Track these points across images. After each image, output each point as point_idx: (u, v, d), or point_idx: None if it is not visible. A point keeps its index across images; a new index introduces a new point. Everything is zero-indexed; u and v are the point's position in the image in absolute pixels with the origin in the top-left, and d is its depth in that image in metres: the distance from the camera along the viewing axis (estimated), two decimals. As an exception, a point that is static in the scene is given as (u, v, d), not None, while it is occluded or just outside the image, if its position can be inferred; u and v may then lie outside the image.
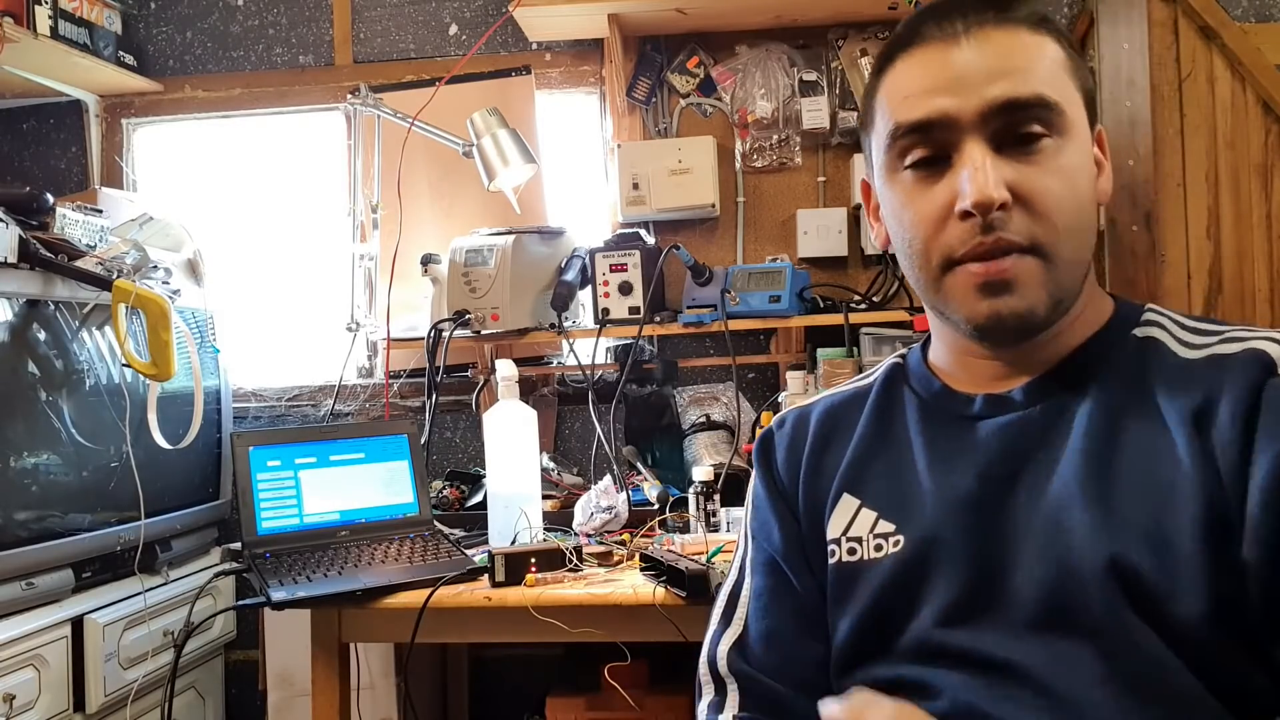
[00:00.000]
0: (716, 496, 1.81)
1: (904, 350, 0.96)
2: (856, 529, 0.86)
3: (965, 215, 0.76)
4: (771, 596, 0.91)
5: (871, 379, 0.96)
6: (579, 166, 2.53)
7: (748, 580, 0.93)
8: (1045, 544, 0.76)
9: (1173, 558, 0.70)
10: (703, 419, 2.20)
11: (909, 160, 0.80)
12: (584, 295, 2.22)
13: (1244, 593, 0.69)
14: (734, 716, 0.87)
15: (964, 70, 0.77)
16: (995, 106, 0.76)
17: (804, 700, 0.85)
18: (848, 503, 0.87)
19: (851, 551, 0.85)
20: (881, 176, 0.85)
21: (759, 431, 1.83)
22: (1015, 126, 0.77)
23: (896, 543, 0.83)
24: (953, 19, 0.79)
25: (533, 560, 1.60)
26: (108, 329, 1.93)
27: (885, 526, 0.84)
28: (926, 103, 0.78)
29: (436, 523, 1.90)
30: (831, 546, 0.87)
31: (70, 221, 1.91)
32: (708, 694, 0.90)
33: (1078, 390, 0.80)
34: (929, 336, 0.93)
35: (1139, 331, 0.83)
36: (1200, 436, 0.73)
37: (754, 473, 0.98)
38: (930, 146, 0.79)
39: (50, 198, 1.87)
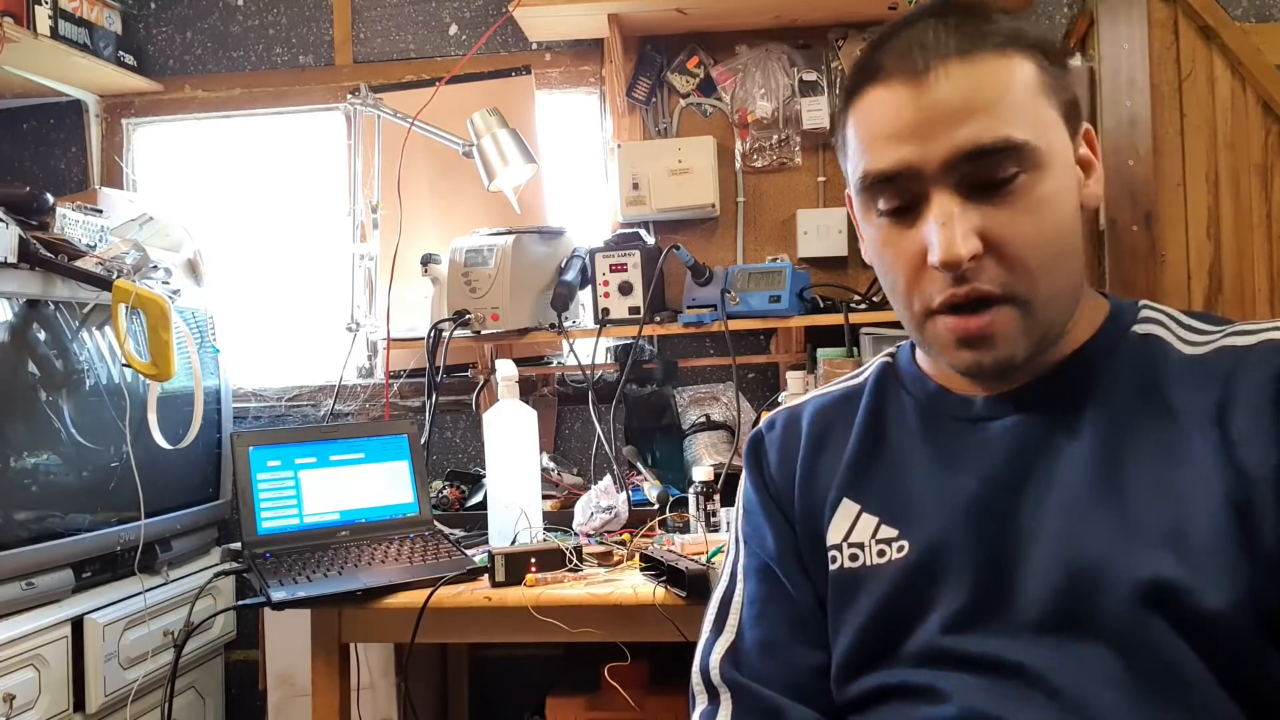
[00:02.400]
0: (716, 496, 1.81)
1: (893, 349, 0.94)
2: (858, 535, 0.85)
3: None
4: (765, 603, 0.89)
5: (862, 379, 0.94)
6: (579, 166, 2.53)
7: (739, 586, 0.91)
8: (1057, 547, 0.75)
9: (1194, 554, 0.70)
10: (703, 419, 2.20)
11: (881, 206, 0.79)
12: (584, 295, 2.22)
13: (1269, 581, 0.69)
14: None
15: (926, 115, 0.74)
16: (958, 156, 0.74)
17: (801, 708, 0.84)
18: (848, 508, 0.86)
19: (854, 558, 0.84)
20: (858, 212, 0.83)
21: (757, 432, 1.84)
22: (982, 171, 0.74)
23: (901, 548, 0.82)
24: (912, 51, 0.76)
25: (533, 560, 1.60)
26: (108, 329, 1.93)
27: (887, 532, 0.83)
28: (891, 151, 0.76)
29: (436, 523, 1.90)
30: (833, 553, 0.86)
31: (70, 221, 1.91)
32: (700, 703, 0.88)
33: (1079, 391, 0.80)
34: None
35: (1139, 329, 0.82)
36: (1220, 429, 0.73)
37: (744, 476, 0.96)
38: (898, 195, 0.77)
39: (50, 198, 1.87)
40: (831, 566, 0.86)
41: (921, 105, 0.75)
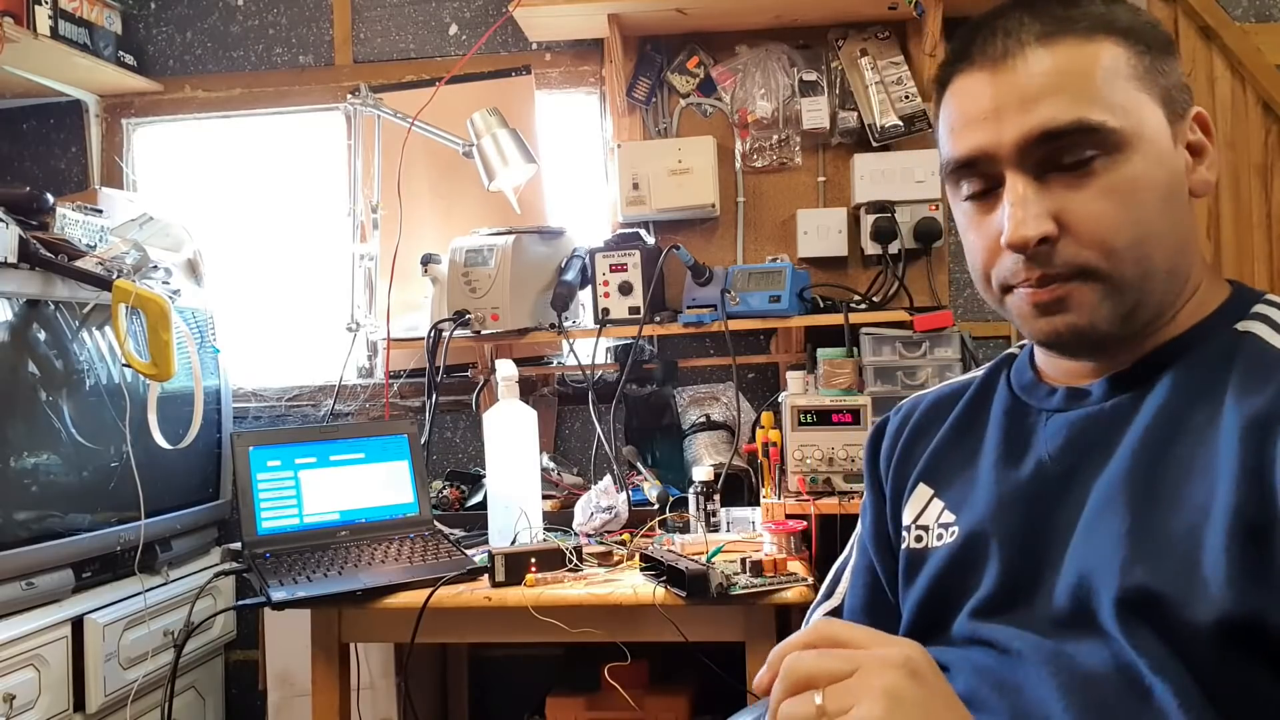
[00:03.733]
0: (716, 496, 1.81)
1: (1024, 342, 0.94)
2: (925, 518, 0.89)
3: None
4: (860, 574, 0.97)
5: (980, 371, 0.96)
6: (579, 166, 2.53)
7: (853, 557, 1.00)
8: (1077, 545, 0.75)
9: (1194, 566, 0.68)
10: (703, 419, 2.20)
11: (963, 191, 0.81)
12: (584, 295, 2.22)
13: (1274, 603, 0.66)
14: None
15: (1000, 101, 0.75)
16: (1031, 139, 0.74)
17: None
18: (922, 492, 0.91)
19: (919, 539, 0.88)
20: (949, 194, 0.85)
21: (759, 432, 1.84)
22: (1058, 154, 0.74)
23: (953, 533, 0.85)
24: (995, 38, 0.77)
25: (533, 560, 1.60)
26: (108, 329, 1.93)
27: (948, 517, 0.87)
28: (967, 138, 0.78)
29: (436, 523, 1.90)
30: (904, 533, 0.91)
31: (70, 221, 1.91)
32: None
33: (1153, 387, 0.78)
34: None
35: (1243, 325, 0.78)
36: (1259, 443, 0.69)
37: (865, 456, 1.02)
38: (979, 178, 0.79)
39: (50, 198, 1.87)
40: (902, 545, 0.91)
41: (998, 91, 0.76)
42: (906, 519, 0.91)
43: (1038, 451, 0.82)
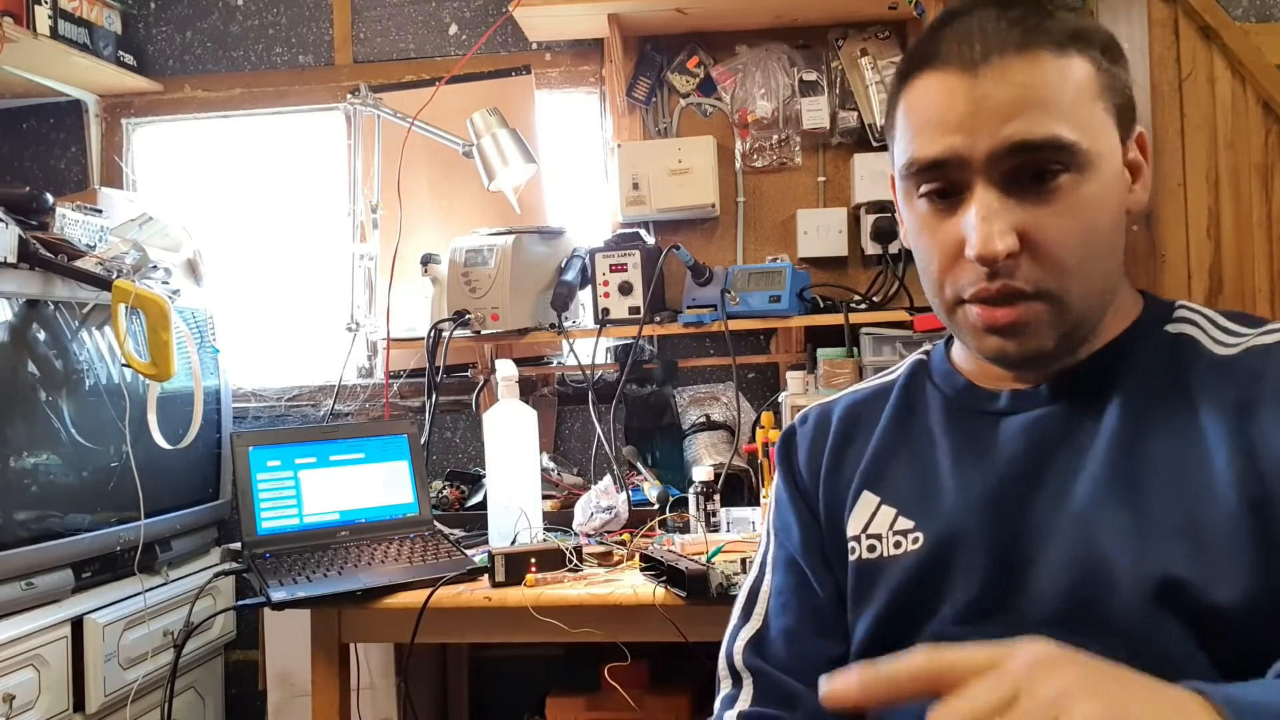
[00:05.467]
0: (716, 496, 1.81)
1: (928, 347, 0.95)
2: (876, 526, 0.86)
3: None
4: (790, 594, 0.92)
5: (895, 375, 0.95)
6: (579, 166, 2.53)
7: (768, 577, 0.94)
8: (1071, 543, 0.75)
9: (1206, 549, 0.70)
10: (703, 419, 2.20)
11: (923, 190, 0.79)
12: (584, 295, 2.22)
13: None
14: (743, 710, 0.88)
15: (977, 107, 0.74)
16: (1005, 148, 0.74)
17: (817, 697, 0.86)
18: (867, 500, 0.88)
19: (871, 549, 0.86)
20: (901, 195, 0.84)
21: (759, 432, 1.84)
22: (1028, 167, 0.75)
23: (916, 540, 0.83)
24: (972, 40, 0.76)
25: (533, 560, 1.60)
26: (108, 329, 1.93)
27: (904, 523, 0.84)
28: (939, 140, 0.76)
29: (436, 523, 1.90)
30: (851, 544, 0.87)
31: (70, 221, 1.91)
32: (724, 687, 0.91)
33: (1105, 387, 0.80)
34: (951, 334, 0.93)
35: (1171, 328, 0.82)
36: (1240, 425, 0.73)
37: (776, 470, 0.99)
38: (943, 182, 0.78)
39: (50, 198, 1.87)
40: (850, 558, 0.87)
41: (974, 97, 0.75)
42: (853, 529, 0.87)
43: (999, 454, 0.82)
